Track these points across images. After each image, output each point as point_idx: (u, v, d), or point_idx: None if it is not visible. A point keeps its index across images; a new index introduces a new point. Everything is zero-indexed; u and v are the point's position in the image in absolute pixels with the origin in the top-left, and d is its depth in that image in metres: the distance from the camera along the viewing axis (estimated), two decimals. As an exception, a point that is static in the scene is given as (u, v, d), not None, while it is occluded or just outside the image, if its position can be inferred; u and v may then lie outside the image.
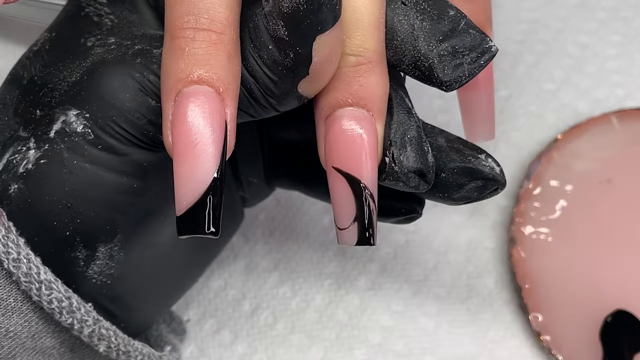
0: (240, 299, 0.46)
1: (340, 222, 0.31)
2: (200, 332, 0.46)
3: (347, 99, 0.30)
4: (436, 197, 0.34)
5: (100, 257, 0.33)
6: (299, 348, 0.45)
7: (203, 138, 0.28)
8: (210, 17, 0.29)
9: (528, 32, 0.50)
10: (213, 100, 0.29)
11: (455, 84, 0.31)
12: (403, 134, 0.31)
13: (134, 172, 0.32)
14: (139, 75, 0.31)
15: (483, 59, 0.31)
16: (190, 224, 0.29)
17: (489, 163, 0.33)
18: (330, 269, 0.47)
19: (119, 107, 0.31)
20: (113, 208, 0.33)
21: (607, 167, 0.46)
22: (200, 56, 0.29)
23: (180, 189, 0.28)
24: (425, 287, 0.46)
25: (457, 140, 0.34)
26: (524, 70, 0.49)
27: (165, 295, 0.39)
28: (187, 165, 0.28)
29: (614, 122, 0.47)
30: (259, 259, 0.47)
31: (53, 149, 0.32)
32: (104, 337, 0.33)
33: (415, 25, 0.31)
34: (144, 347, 0.36)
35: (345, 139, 0.30)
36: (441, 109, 0.48)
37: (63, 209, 0.32)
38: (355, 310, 0.46)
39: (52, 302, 0.32)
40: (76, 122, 0.32)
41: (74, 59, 0.33)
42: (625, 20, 0.50)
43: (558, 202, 0.46)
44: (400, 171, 0.31)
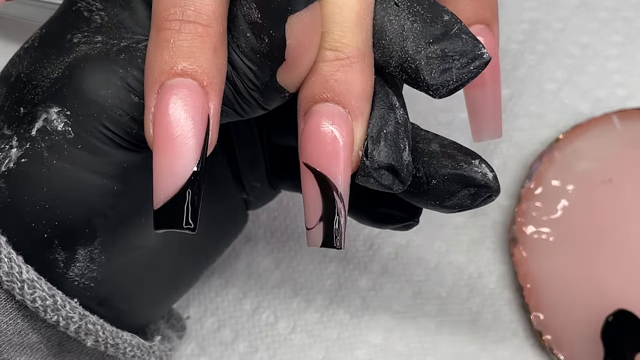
0: (241, 297, 0.46)
1: (308, 221, 0.31)
2: (201, 330, 0.46)
3: (323, 93, 0.30)
4: (428, 204, 0.33)
5: (80, 259, 0.33)
6: (300, 347, 0.45)
7: (184, 131, 0.28)
8: (196, 9, 0.28)
9: (529, 32, 0.50)
10: (196, 94, 0.28)
11: (442, 88, 0.30)
12: (380, 129, 0.30)
13: (114, 174, 0.32)
14: (122, 71, 0.31)
15: (473, 64, 0.30)
16: (168, 217, 0.28)
17: (481, 169, 0.32)
18: (331, 269, 0.47)
19: (100, 104, 0.31)
20: (92, 211, 0.32)
21: (608, 167, 0.46)
22: (185, 48, 0.28)
23: (158, 182, 0.28)
24: (426, 287, 0.46)
25: (452, 145, 0.33)
26: (526, 70, 0.49)
27: (159, 298, 0.38)
28: (166, 158, 0.28)
29: (615, 122, 0.47)
30: (260, 258, 0.47)
31: (34, 148, 0.31)
32: (90, 331, 0.33)
33: (405, 26, 0.30)
34: (132, 338, 0.35)
35: (317, 135, 0.30)
36: (443, 107, 0.48)
37: (41, 210, 0.31)
38: (357, 310, 0.46)
39: (36, 300, 0.32)
40: (57, 120, 0.31)
41: (58, 55, 0.32)
42: (626, 20, 0.50)
43: (559, 202, 0.46)
44: (371, 166, 0.30)
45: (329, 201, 0.30)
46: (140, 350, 0.36)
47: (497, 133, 0.39)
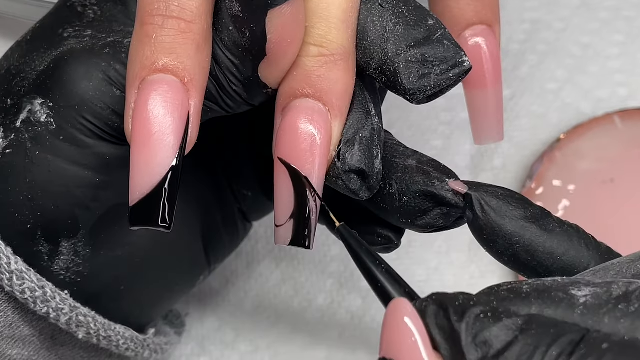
0: (242, 297, 0.46)
1: (277, 218, 0.30)
2: (202, 329, 0.45)
3: (304, 89, 0.30)
4: (400, 222, 0.32)
5: (65, 252, 0.33)
6: (302, 347, 0.45)
7: (162, 128, 0.28)
8: (180, 4, 0.28)
9: (531, 32, 0.49)
10: (176, 90, 0.28)
11: (419, 93, 0.30)
12: (355, 132, 0.30)
13: (96, 166, 0.32)
14: (105, 65, 0.31)
15: (453, 72, 0.30)
16: (143, 215, 0.28)
17: None
18: (332, 269, 0.47)
19: (81, 96, 0.31)
20: (74, 202, 0.32)
21: (609, 167, 0.46)
22: (167, 44, 0.28)
23: (135, 178, 0.28)
24: (427, 288, 0.46)
25: (430, 162, 0.32)
26: (527, 70, 0.49)
27: (151, 299, 0.38)
28: (143, 154, 0.28)
29: (616, 122, 0.47)
30: (261, 257, 0.47)
31: (18, 139, 0.31)
32: (82, 324, 0.33)
33: (387, 27, 0.30)
34: (126, 331, 0.35)
35: (294, 131, 0.29)
36: (445, 107, 0.48)
37: (24, 201, 0.31)
38: (358, 310, 0.46)
39: (25, 291, 0.32)
40: (40, 112, 0.31)
41: (47, 48, 0.32)
42: (627, 19, 0.49)
43: (561, 202, 0.46)
44: (342, 168, 0.30)
45: (301, 198, 0.30)
46: (134, 343, 0.36)
47: (499, 136, 0.39)
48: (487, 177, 0.48)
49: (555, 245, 0.31)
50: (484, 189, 0.31)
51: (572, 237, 0.31)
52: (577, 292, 0.25)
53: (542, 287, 0.26)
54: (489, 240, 0.31)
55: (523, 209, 0.31)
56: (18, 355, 0.34)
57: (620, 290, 0.25)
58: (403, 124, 0.48)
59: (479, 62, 0.36)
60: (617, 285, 0.25)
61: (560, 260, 0.30)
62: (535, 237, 0.30)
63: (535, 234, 0.30)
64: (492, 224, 0.31)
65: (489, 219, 0.31)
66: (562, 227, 0.31)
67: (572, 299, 0.25)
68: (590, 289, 0.25)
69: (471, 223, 0.31)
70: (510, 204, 0.31)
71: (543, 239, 0.31)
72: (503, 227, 0.31)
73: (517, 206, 0.31)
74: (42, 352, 0.34)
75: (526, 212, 0.31)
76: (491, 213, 0.31)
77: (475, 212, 0.31)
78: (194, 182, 0.37)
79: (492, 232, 0.31)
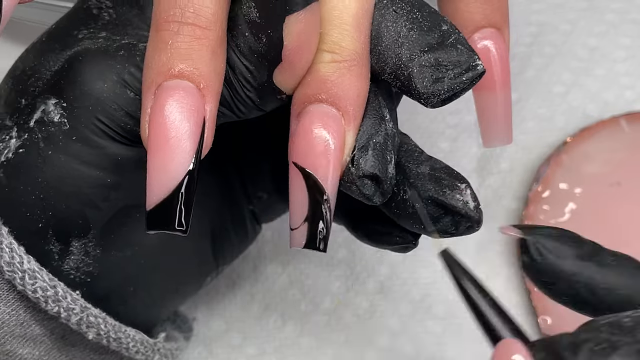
0: (248, 300, 0.46)
1: (292, 221, 0.31)
2: (209, 332, 0.46)
3: (318, 94, 0.30)
4: (414, 227, 0.33)
5: (75, 252, 0.33)
6: (308, 351, 0.45)
7: (178, 133, 0.28)
8: (196, 11, 0.28)
9: (537, 35, 0.49)
10: (192, 96, 0.28)
11: (433, 97, 0.30)
12: (369, 138, 0.30)
13: (108, 167, 0.32)
14: (120, 67, 0.31)
15: (466, 75, 0.30)
16: (160, 219, 0.28)
17: (464, 197, 0.32)
18: (339, 272, 0.47)
19: (95, 97, 0.31)
20: (86, 202, 0.32)
21: (616, 169, 0.46)
22: (183, 50, 0.28)
23: (152, 183, 0.28)
24: (433, 290, 0.46)
25: (444, 169, 0.32)
26: (533, 73, 0.49)
27: (159, 299, 0.38)
28: (160, 159, 0.28)
29: (623, 125, 0.47)
30: (268, 261, 0.47)
31: (31, 139, 0.32)
32: (92, 324, 0.33)
33: (401, 33, 0.30)
34: (136, 334, 0.35)
35: (309, 135, 0.30)
36: (452, 110, 0.48)
37: (36, 200, 0.32)
38: (364, 313, 0.46)
39: (37, 291, 0.32)
40: (54, 112, 0.31)
41: (62, 49, 0.33)
42: (634, 22, 0.49)
43: (567, 205, 0.46)
44: (356, 174, 0.30)
45: (315, 202, 0.30)
46: (144, 347, 0.36)
47: (508, 139, 0.39)
48: (494, 180, 0.48)
49: (614, 279, 0.30)
50: (538, 232, 0.31)
51: (628, 268, 0.30)
52: None
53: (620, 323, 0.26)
54: (549, 283, 0.31)
55: (578, 247, 0.31)
56: (29, 354, 0.34)
57: None
58: (410, 127, 0.48)
59: (488, 65, 0.36)
60: None
61: (619, 294, 0.30)
62: (594, 274, 0.30)
63: (594, 271, 0.30)
64: (552, 267, 0.30)
65: (547, 261, 0.30)
66: (617, 260, 0.31)
67: None
68: None
69: (528, 267, 0.31)
70: (566, 244, 0.30)
71: (602, 274, 0.30)
72: (562, 267, 0.30)
73: (572, 245, 0.30)
74: (52, 352, 0.34)
75: (581, 249, 0.30)
76: (549, 255, 0.30)
77: (532, 256, 0.30)
78: (205, 183, 0.37)
79: (552, 275, 0.30)
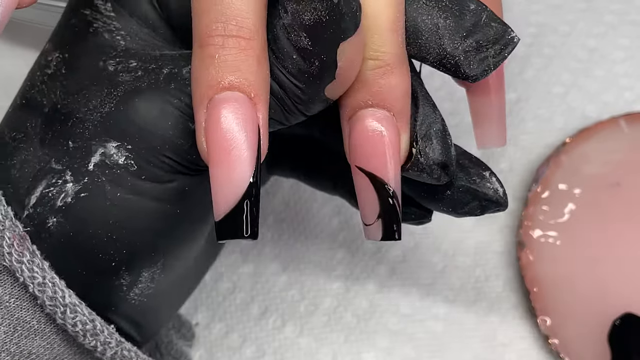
0: (248, 302, 0.46)
1: (366, 219, 0.32)
2: (209, 335, 0.46)
3: (368, 100, 0.30)
4: (441, 210, 0.35)
5: (143, 280, 0.33)
6: (308, 351, 0.45)
7: (238, 143, 0.28)
8: (238, 23, 0.29)
9: (536, 36, 0.50)
10: (245, 106, 0.29)
11: (481, 76, 0.32)
12: (429, 127, 0.32)
13: (176, 198, 0.32)
14: (177, 101, 0.31)
15: (507, 50, 0.32)
16: (230, 228, 0.29)
17: (493, 185, 0.34)
18: (338, 272, 0.47)
19: (162, 136, 0.31)
20: (156, 235, 0.33)
21: (615, 170, 0.46)
22: (231, 62, 0.29)
23: (218, 194, 0.29)
24: (433, 290, 0.46)
25: (463, 154, 0.34)
26: (533, 73, 0.49)
27: (178, 302, 0.39)
28: (224, 171, 0.28)
29: (622, 126, 0.47)
30: (268, 261, 0.47)
31: (94, 182, 0.31)
32: (125, 358, 0.34)
33: (439, 24, 0.31)
34: None
35: (367, 139, 0.31)
36: (450, 111, 0.48)
37: (109, 241, 0.32)
38: (364, 314, 0.46)
39: (77, 325, 0.32)
40: (117, 154, 0.31)
41: (100, 86, 0.32)
42: (633, 23, 0.49)
43: (566, 206, 0.46)
44: (426, 163, 0.31)
45: (385, 200, 0.31)
46: None
47: (501, 141, 0.39)
48: (493, 181, 0.48)
49: None
50: None
51: None
52: None
53: None
54: None
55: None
56: None
57: None
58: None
59: None
60: None
61: None
62: None
63: None
64: None
65: None
66: None
67: None
68: None
69: None
70: None
71: None
72: None
73: None
74: None
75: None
76: None
77: None
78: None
79: None
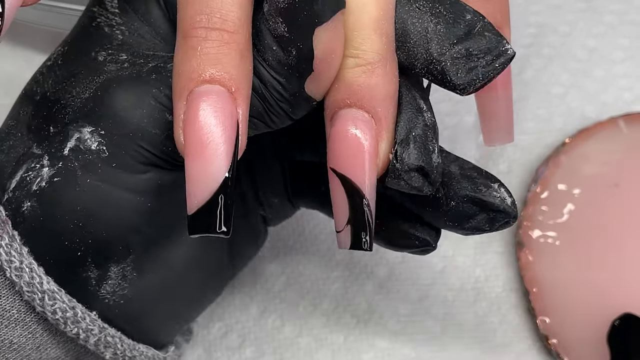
0: (247, 302, 0.46)
1: (337, 224, 0.31)
2: (208, 335, 0.46)
3: (346, 99, 0.30)
4: (447, 225, 0.33)
5: (113, 277, 0.33)
6: (307, 352, 0.45)
7: (215, 137, 0.28)
8: (222, 16, 0.29)
9: (536, 36, 0.49)
10: (225, 100, 0.29)
11: (469, 87, 0.30)
12: (408, 132, 0.31)
13: (148, 191, 0.32)
14: (156, 91, 0.31)
15: (498, 61, 0.30)
16: (202, 222, 0.29)
17: (500, 194, 0.33)
18: (337, 273, 0.47)
19: (136, 124, 0.31)
20: (126, 228, 0.32)
21: (615, 171, 0.46)
22: (212, 55, 0.29)
23: (192, 188, 0.28)
24: (432, 291, 0.46)
25: (473, 168, 0.33)
26: (532, 74, 0.49)
27: (184, 314, 0.38)
28: (199, 164, 0.28)
29: (621, 126, 0.47)
30: (267, 262, 0.47)
31: (67, 167, 0.31)
32: (110, 344, 0.33)
33: (429, 28, 0.31)
34: (148, 350, 0.35)
35: (342, 140, 0.30)
36: (449, 111, 0.48)
37: (75, 229, 0.31)
38: (363, 314, 0.46)
39: (56, 312, 0.32)
40: (90, 140, 0.31)
41: (86, 74, 0.32)
42: (633, 23, 0.49)
43: (566, 206, 0.46)
44: (402, 168, 0.31)
45: (355, 205, 0.30)
46: None
47: (509, 137, 0.39)
48: (492, 181, 0.48)
49: None
50: None
51: None
52: None
53: None
54: None
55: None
56: None
57: None
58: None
59: None
60: None
61: None
62: None
63: None
64: None
65: None
66: None
67: None
68: None
69: None
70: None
71: None
72: None
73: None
74: None
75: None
76: None
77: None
78: None
79: None
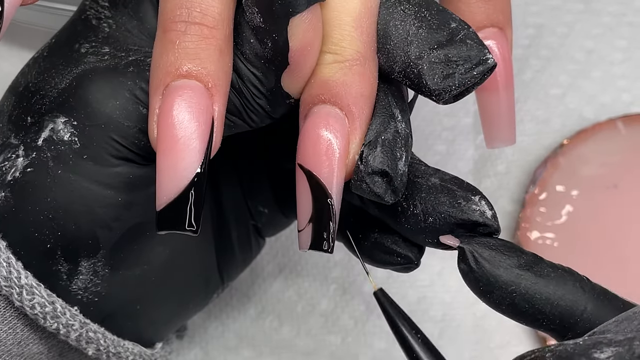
0: (245, 302, 0.46)
1: (299, 223, 0.30)
2: (205, 334, 0.46)
3: (321, 95, 0.30)
4: (427, 242, 0.32)
5: (84, 272, 0.32)
6: (305, 352, 0.45)
7: (187, 132, 0.28)
8: (202, 10, 0.28)
9: (534, 37, 0.49)
10: (200, 95, 0.28)
11: (444, 93, 0.30)
12: (377, 135, 0.30)
13: (119, 186, 0.31)
14: (131, 83, 0.31)
15: (477, 70, 0.30)
16: (170, 219, 0.28)
17: (480, 207, 0.31)
18: (335, 274, 0.47)
19: (108, 115, 0.31)
20: (96, 222, 0.32)
21: (613, 172, 0.46)
22: (191, 50, 0.28)
23: (161, 183, 0.28)
24: (430, 293, 0.46)
25: (452, 180, 0.32)
26: (530, 75, 0.49)
27: (167, 317, 0.38)
28: (169, 159, 0.28)
29: (619, 127, 0.47)
30: (265, 262, 0.47)
31: (39, 158, 0.31)
32: (92, 340, 0.33)
33: (410, 31, 0.30)
34: (134, 347, 0.35)
35: (312, 137, 0.30)
36: (447, 112, 0.48)
37: (45, 220, 0.31)
38: (361, 315, 0.46)
39: (35, 307, 0.31)
40: (63, 130, 0.31)
41: (65, 65, 0.32)
42: (631, 25, 0.49)
43: (564, 207, 0.46)
44: (365, 171, 0.30)
45: (319, 203, 0.30)
46: (142, 359, 0.36)
47: (511, 139, 0.38)
48: (491, 182, 0.48)
49: (552, 291, 0.30)
50: (476, 241, 0.31)
51: (567, 281, 0.31)
52: (599, 355, 0.25)
53: (565, 353, 0.25)
54: (486, 292, 0.31)
55: (516, 257, 0.31)
56: None
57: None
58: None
59: None
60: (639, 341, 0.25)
61: (558, 306, 0.30)
62: (531, 285, 0.30)
63: (531, 281, 0.30)
64: (487, 276, 0.30)
65: (483, 270, 0.30)
66: (557, 272, 0.31)
67: None
68: (612, 349, 0.25)
69: (466, 275, 0.31)
70: (503, 254, 0.30)
71: (539, 285, 0.30)
72: (498, 277, 0.30)
73: (510, 255, 0.31)
74: None
75: (519, 260, 0.30)
76: (485, 264, 0.30)
77: (469, 264, 0.30)
78: (209, 199, 0.37)
79: (488, 283, 0.30)
